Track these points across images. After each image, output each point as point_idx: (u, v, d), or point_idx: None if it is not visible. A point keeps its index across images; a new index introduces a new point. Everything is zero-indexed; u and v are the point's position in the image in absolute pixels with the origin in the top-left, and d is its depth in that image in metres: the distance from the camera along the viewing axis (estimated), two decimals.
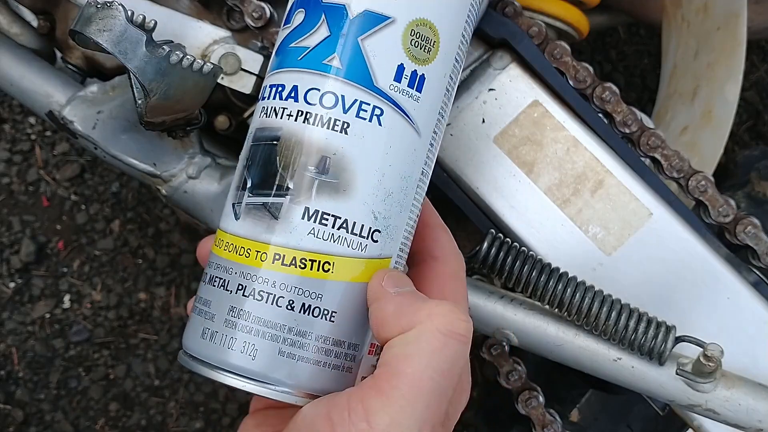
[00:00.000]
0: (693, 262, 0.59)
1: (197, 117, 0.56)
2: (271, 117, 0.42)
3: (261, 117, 0.43)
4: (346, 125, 0.40)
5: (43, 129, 1.26)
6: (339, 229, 0.40)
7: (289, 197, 0.40)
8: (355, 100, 0.40)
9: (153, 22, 0.47)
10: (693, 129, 0.83)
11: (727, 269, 0.59)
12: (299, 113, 0.41)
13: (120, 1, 0.46)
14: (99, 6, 0.46)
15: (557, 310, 0.54)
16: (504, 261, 0.52)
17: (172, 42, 0.50)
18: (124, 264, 1.22)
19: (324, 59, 0.41)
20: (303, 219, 0.40)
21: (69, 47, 0.69)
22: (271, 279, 0.40)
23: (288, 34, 0.43)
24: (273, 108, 0.42)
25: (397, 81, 0.41)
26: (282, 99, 0.41)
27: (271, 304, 0.40)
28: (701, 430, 0.61)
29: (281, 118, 0.41)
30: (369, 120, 0.40)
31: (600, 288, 0.53)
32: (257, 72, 0.59)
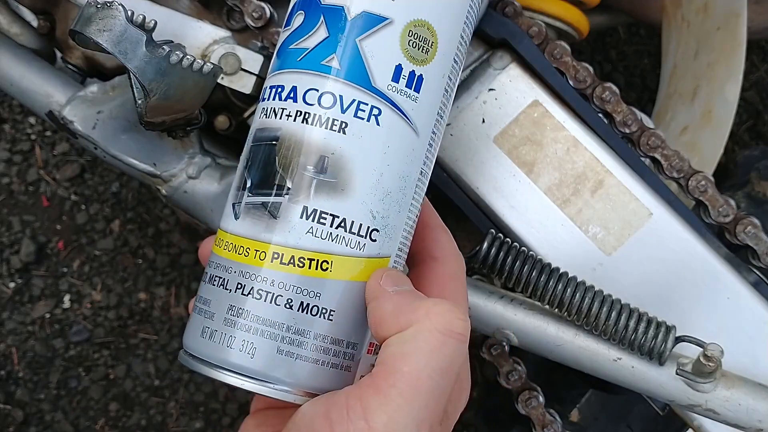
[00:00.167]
0: (693, 262, 0.59)
1: (197, 117, 0.56)
2: (271, 117, 0.42)
3: (261, 118, 0.43)
4: (344, 125, 0.40)
5: (43, 129, 1.26)
6: (337, 229, 0.40)
7: (288, 197, 0.40)
8: (353, 100, 0.40)
9: (153, 22, 0.47)
10: (693, 129, 0.83)
11: (727, 269, 0.59)
12: (298, 113, 0.41)
13: (120, 1, 0.46)
14: (99, 6, 0.46)
15: (557, 310, 0.54)
16: (504, 261, 0.52)
17: (172, 42, 0.50)
18: (124, 264, 1.22)
19: (323, 60, 0.41)
20: (301, 218, 0.40)
21: (69, 47, 0.69)
22: (270, 278, 0.40)
23: (288, 35, 0.43)
24: (272, 108, 0.42)
25: (395, 81, 0.41)
26: (281, 100, 0.42)
27: (270, 302, 0.40)
28: (701, 430, 0.61)
29: (280, 118, 0.41)
30: (367, 120, 0.40)
31: (600, 288, 0.53)
32: (257, 72, 0.59)
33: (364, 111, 0.40)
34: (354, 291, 0.41)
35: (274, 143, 0.41)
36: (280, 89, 0.42)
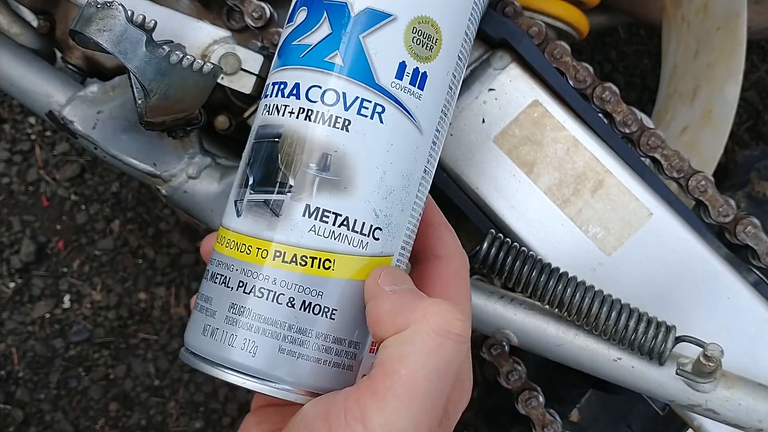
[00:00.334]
0: (693, 262, 0.59)
1: (197, 117, 0.56)
2: (273, 114, 0.42)
3: (263, 114, 0.43)
4: (347, 122, 0.40)
5: (43, 129, 1.26)
6: (340, 227, 0.40)
7: (291, 194, 0.40)
8: (357, 97, 0.40)
9: (153, 22, 0.47)
10: (693, 129, 0.83)
11: (727, 269, 0.59)
12: (301, 110, 0.41)
13: (120, 1, 0.46)
14: (99, 6, 0.46)
15: (557, 310, 0.54)
16: (504, 261, 0.52)
17: (172, 42, 0.50)
18: (124, 264, 1.22)
19: (326, 57, 0.41)
20: (304, 216, 0.40)
21: (69, 47, 0.69)
22: (272, 276, 0.40)
23: (290, 32, 0.43)
24: (275, 105, 0.42)
25: (399, 78, 0.41)
26: (284, 96, 0.41)
27: (272, 301, 0.40)
28: (701, 430, 0.61)
29: (283, 115, 0.41)
30: (370, 117, 0.40)
31: (600, 288, 0.53)
32: (257, 72, 0.59)
33: (367, 108, 0.40)
34: (356, 290, 0.41)
35: (276, 140, 0.41)
36: (282, 86, 0.42)
